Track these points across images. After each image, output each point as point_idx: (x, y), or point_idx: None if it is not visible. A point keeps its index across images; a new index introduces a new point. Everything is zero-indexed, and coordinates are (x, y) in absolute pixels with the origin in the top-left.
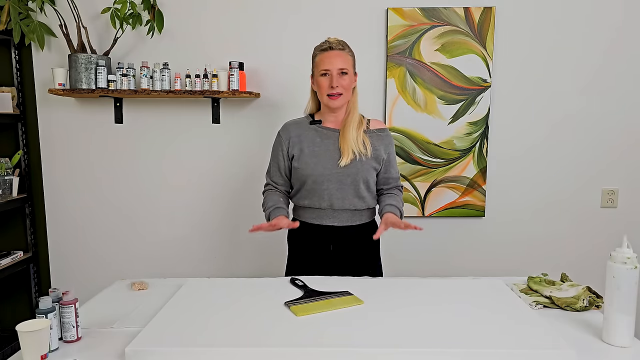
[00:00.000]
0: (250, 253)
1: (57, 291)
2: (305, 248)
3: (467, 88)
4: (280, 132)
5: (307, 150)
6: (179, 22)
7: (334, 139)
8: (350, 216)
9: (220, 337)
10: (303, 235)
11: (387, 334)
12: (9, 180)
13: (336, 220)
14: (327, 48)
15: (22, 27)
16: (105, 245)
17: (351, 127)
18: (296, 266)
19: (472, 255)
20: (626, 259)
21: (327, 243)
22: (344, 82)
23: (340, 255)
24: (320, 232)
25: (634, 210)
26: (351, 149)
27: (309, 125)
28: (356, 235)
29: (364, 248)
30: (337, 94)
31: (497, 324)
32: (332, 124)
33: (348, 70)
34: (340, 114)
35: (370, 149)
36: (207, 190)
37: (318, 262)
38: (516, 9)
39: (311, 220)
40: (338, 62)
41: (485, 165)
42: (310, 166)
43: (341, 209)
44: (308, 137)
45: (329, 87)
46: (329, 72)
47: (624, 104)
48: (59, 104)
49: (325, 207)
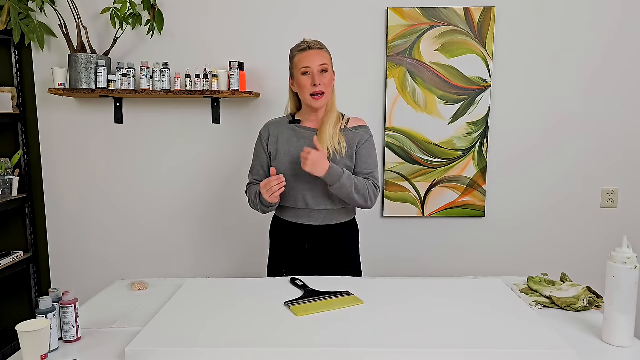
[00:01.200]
0: (251, 253)
1: (57, 291)
2: (284, 246)
3: (467, 88)
4: (262, 130)
5: (282, 150)
6: (179, 22)
7: (310, 138)
8: (326, 215)
9: (220, 337)
10: (282, 233)
11: (387, 334)
12: (9, 180)
13: (312, 220)
14: (306, 48)
15: (22, 27)
16: (105, 245)
17: (328, 125)
18: (276, 262)
19: (472, 255)
20: (626, 259)
21: (302, 242)
22: (325, 79)
23: (315, 254)
24: (297, 230)
25: (634, 210)
26: (326, 147)
27: (288, 125)
28: (333, 234)
29: (340, 248)
30: (319, 93)
31: (497, 324)
32: (312, 124)
33: (328, 68)
34: (321, 113)
35: (345, 147)
36: (207, 190)
37: (294, 260)
38: (516, 9)
39: (289, 219)
40: (318, 60)
41: (485, 165)
42: (285, 166)
43: (317, 209)
44: (284, 137)
45: (312, 85)
46: (310, 70)
47: (624, 104)
48: (59, 104)
49: (302, 207)
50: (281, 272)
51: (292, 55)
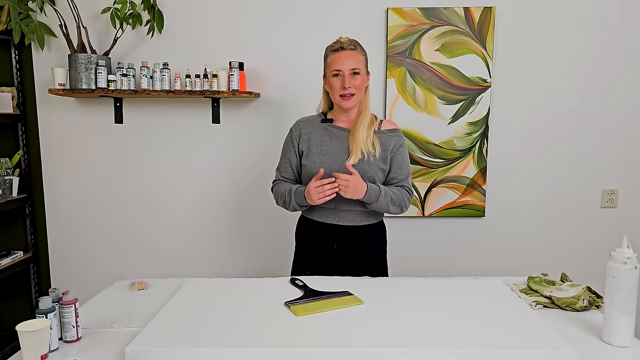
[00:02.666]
0: (251, 253)
1: (57, 291)
2: (311, 245)
3: (467, 88)
4: (292, 128)
5: (314, 149)
6: (179, 22)
7: (343, 138)
8: (355, 216)
9: (220, 337)
10: (309, 233)
11: (387, 334)
12: (9, 180)
13: (341, 220)
14: (339, 48)
15: (22, 27)
16: (105, 245)
17: (362, 127)
18: (302, 263)
19: (472, 255)
20: (626, 259)
21: (331, 242)
22: (356, 82)
23: (343, 254)
24: (325, 230)
25: (634, 210)
26: (360, 149)
27: (320, 124)
28: (361, 235)
29: (368, 248)
30: (349, 95)
31: (497, 324)
32: (343, 123)
33: (360, 70)
34: (352, 113)
35: (379, 149)
36: (207, 190)
37: (322, 261)
38: (516, 9)
39: (317, 218)
40: (350, 62)
41: (485, 165)
42: (318, 165)
43: (346, 209)
44: (317, 136)
45: (341, 87)
46: (341, 72)
47: (624, 104)
48: (59, 104)
49: (331, 206)
50: (305, 273)
51: (325, 54)
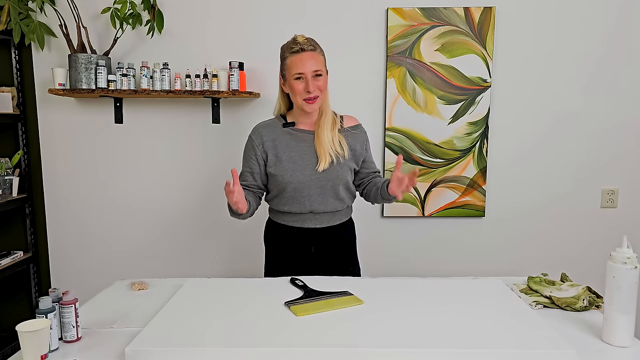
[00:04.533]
0: (250, 253)
1: (57, 291)
2: (285, 250)
3: (467, 88)
4: (252, 135)
5: (284, 156)
6: (179, 22)
7: (309, 141)
8: (330, 217)
9: (220, 337)
10: (282, 238)
11: (387, 334)
12: (9, 180)
13: (317, 222)
14: (299, 50)
15: (22, 27)
16: (105, 245)
17: (325, 129)
18: (275, 268)
19: (472, 255)
20: (626, 259)
21: (308, 245)
22: (319, 83)
23: (321, 256)
24: (301, 234)
25: (634, 210)
26: (328, 153)
27: (282, 128)
28: (336, 235)
29: (342, 247)
30: (314, 98)
31: (497, 324)
32: (306, 126)
33: (322, 72)
34: (314, 115)
35: (347, 149)
36: (207, 190)
37: (299, 264)
38: (516, 9)
39: (292, 224)
40: (311, 65)
41: (485, 165)
42: (289, 173)
43: (323, 212)
44: (283, 142)
45: (305, 91)
46: (303, 75)
47: (624, 104)
48: (59, 104)
49: (306, 211)
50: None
51: (283, 55)
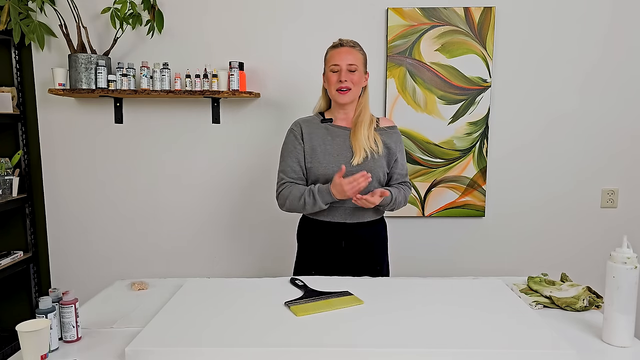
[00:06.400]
0: (251, 253)
1: (57, 291)
2: (316, 245)
3: (467, 88)
4: (293, 127)
5: (319, 149)
6: (179, 22)
7: (345, 137)
8: (362, 213)
9: (220, 337)
10: (314, 232)
11: (387, 334)
12: (9, 180)
13: (348, 217)
14: (338, 45)
15: (22, 27)
16: (105, 245)
17: (362, 126)
18: (306, 263)
19: (472, 255)
20: (626, 259)
21: (339, 240)
22: (353, 77)
23: (351, 251)
24: (332, 229)
25: (634, 210)
26: (363, 148)
27: (320, 124)
28: (367, 231)
29: (374, 245)
30: (345, 88)
31: (497, 324)
32: (342, 122)
33: (357, 67)
34: (350, 111)
35: (381, 146)
36: (207, 190)
37: (329, 259)
38: (516, 9)
39: (323, 218)
40: (348, 58)
41: (485, 165)
42: (324, 165)
43: (353, 206)
44: (319, 135)
45: (338, 81)
46: (339, 67)
47: (624, 104)
48: (59, 104)
49: (338, 205)
50: (311, 273)
51: (326, 53)
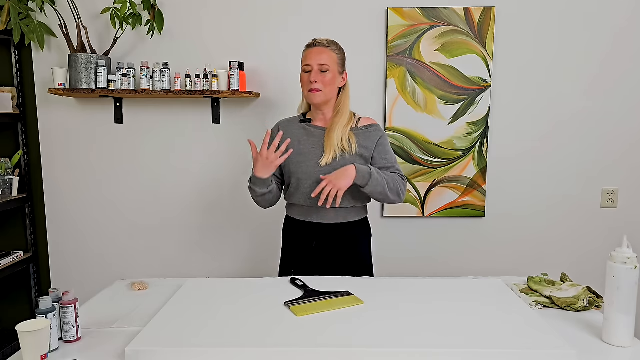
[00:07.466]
0: (251, 253)
1: (57, 291)
2: (293, 244)
3: (467, 88)
4: (273, 127)
5: (293, 148)
6: (179, 22)
7: (320, 137)
8: (335, 214)
9: (220, 337)
10: (291, 231)
11: (387, 334)
12: (9, 180)
13: (320, 218)
14: (312, 45)
15: (22, 27)
16: (105, 245)
17: (338, 127)
18: (286, 262)
19: (472, 255)
20: (626, 259)
21: (310, 240)
22: (324, 77)
23: (323, 252)
24: (305, 228)
25: (634, 210)
26: (333, 149)
27: (299, 124)
28: (342, 233)
29: (350, 246)
30: (315, 90)
31: (497, 324)
32: (321, 122)
33: (329, 68)
34: (327, 112)
35: (355, 146)
36: (207, 190)
37: (303, 259)
38: (516, 9)
39: (297, 217)
40: (319, 58)
41: (485, 165)
42: (294, 163)
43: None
44: (295, 135)
45: (309, 82)
46: (310, 67)
47: (624, 104)
48: (59, 104)
49: (309, 204)
50: (290, 272)
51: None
